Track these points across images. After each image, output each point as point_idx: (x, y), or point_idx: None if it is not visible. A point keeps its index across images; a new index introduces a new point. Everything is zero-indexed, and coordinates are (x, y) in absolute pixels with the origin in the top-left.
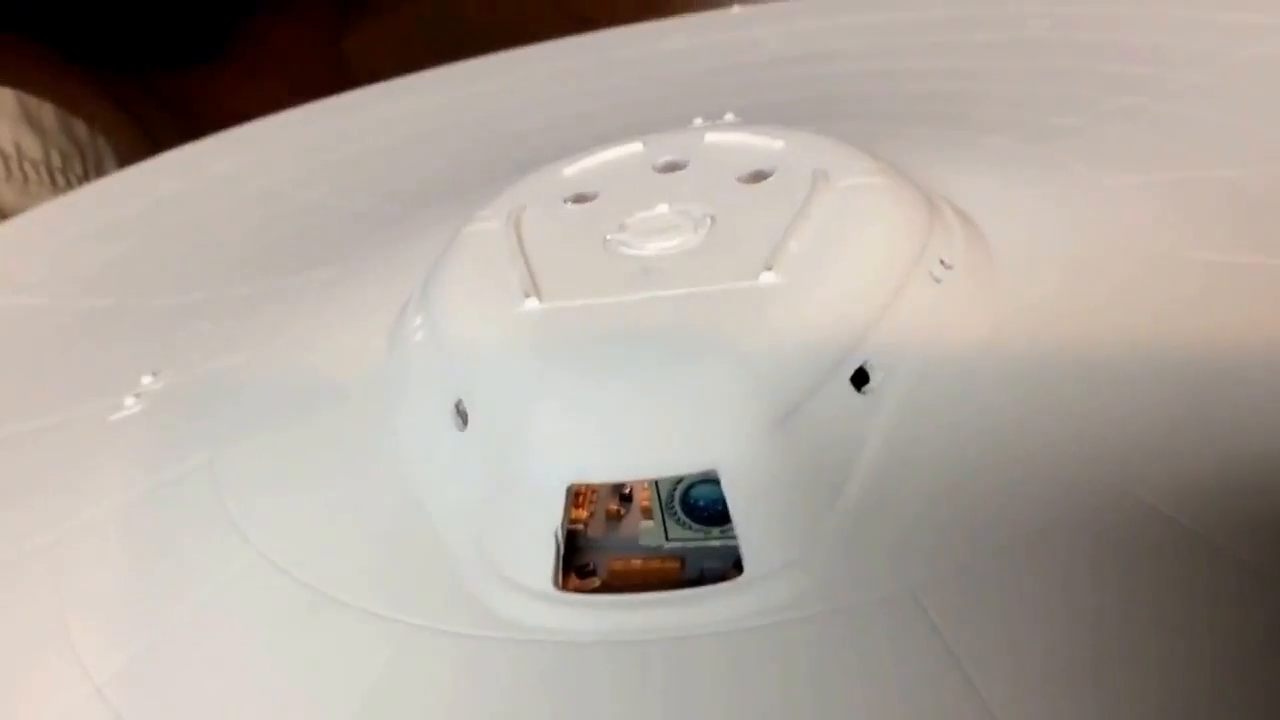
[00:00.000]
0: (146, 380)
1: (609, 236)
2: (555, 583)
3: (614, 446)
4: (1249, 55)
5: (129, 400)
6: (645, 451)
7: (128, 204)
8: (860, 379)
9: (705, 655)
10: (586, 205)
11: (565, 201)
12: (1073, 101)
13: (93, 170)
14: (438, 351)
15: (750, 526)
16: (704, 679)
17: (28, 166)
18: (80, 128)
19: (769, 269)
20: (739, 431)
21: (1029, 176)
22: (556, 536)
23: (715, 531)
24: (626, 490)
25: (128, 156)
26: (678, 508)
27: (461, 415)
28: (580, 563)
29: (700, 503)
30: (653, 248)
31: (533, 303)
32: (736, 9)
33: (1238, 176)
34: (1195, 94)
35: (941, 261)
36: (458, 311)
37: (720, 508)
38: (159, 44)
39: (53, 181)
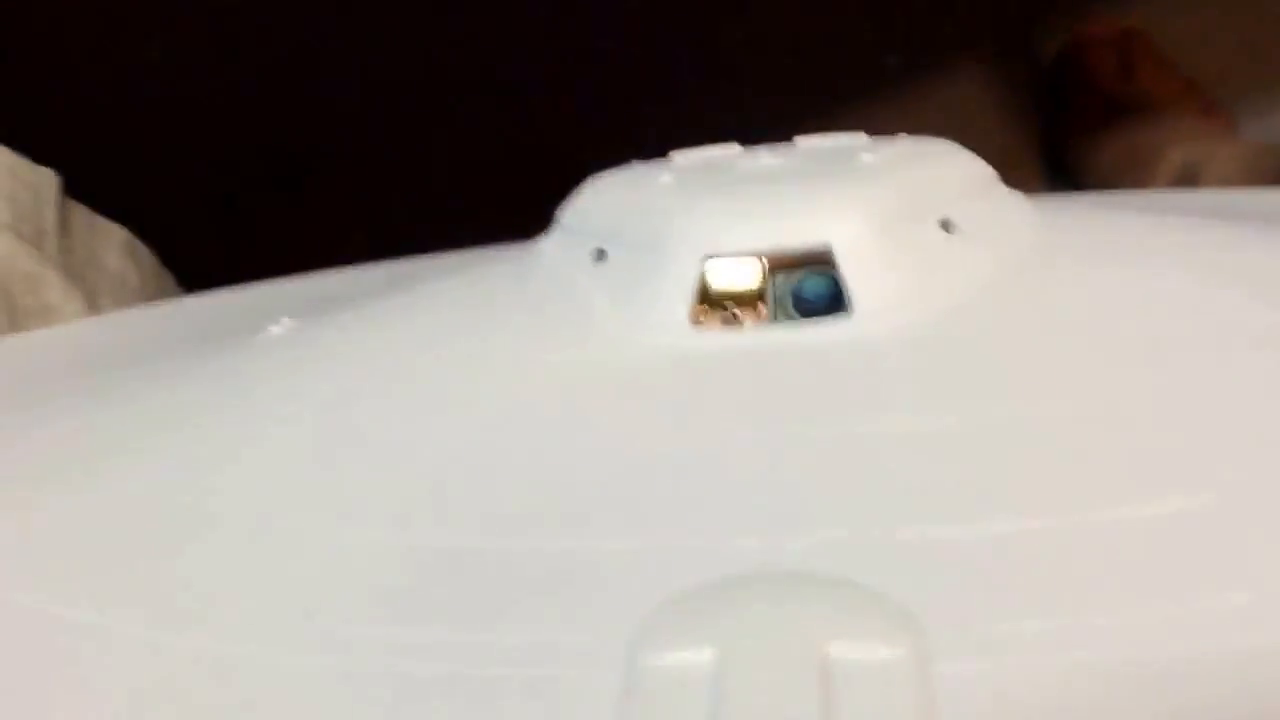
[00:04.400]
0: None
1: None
2: (692, 319)
3: (743, 225)
4: None
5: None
6: (770, 230)
7: None
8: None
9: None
10: (690, 159)
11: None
12: None
13: None
14: (578, 226)
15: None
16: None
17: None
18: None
19: (867, 153)
20: (849, 221)
21: None
22: (694, 283)
23: None
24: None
25: None
26: (788, 300)
27: (599, 254)
28: None
29: (808, 295)
30: (765, 161)
31: (667, 177)
32: None
33: None
34: None
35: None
36: (603, 188)
37: (824, 302)
38: None
39: None
